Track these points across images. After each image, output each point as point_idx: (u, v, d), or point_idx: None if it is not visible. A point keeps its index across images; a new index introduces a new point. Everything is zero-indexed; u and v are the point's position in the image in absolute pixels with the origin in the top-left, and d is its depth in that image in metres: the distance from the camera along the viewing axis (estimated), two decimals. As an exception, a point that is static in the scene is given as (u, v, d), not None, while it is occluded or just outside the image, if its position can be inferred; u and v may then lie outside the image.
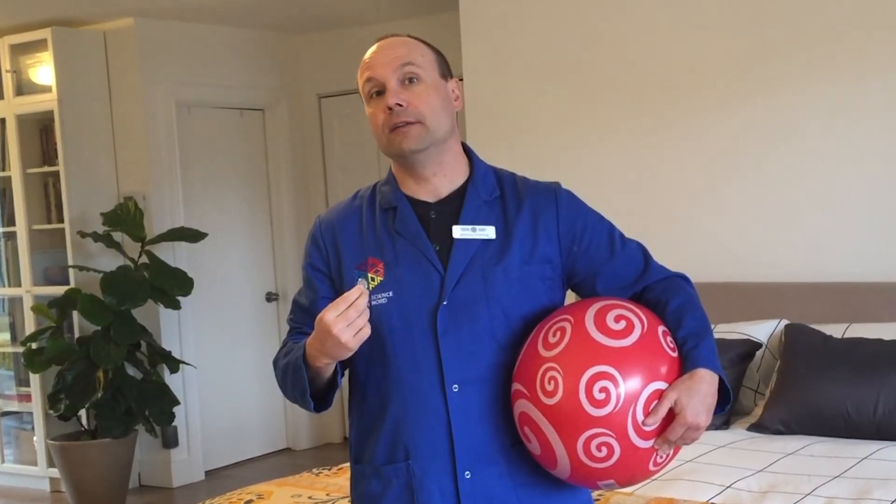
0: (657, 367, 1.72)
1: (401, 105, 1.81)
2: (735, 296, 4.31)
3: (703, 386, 1.73)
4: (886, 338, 3.69)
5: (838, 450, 3.33)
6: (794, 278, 4.28)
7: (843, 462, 3.19)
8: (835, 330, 3.86)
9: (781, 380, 3.75)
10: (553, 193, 1.91)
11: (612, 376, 1.69)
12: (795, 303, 4.16)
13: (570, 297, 1.90)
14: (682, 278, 1.92)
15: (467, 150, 1.94)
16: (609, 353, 1.71)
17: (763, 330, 4.07)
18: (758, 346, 3.98)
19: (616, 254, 1.90)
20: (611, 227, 1.94)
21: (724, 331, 4.05)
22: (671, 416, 1.71)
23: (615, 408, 1.68)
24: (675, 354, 1.76)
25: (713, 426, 3.68)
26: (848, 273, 4.17)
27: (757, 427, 3.68)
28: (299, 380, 1.80)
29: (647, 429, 1.70)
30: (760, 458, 3.28)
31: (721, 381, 1.77)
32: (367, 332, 1.69)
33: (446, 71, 1.90)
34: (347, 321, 1.66)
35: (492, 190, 1.89)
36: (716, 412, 1.77)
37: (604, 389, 1.69)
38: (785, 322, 4.05)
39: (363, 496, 1.90)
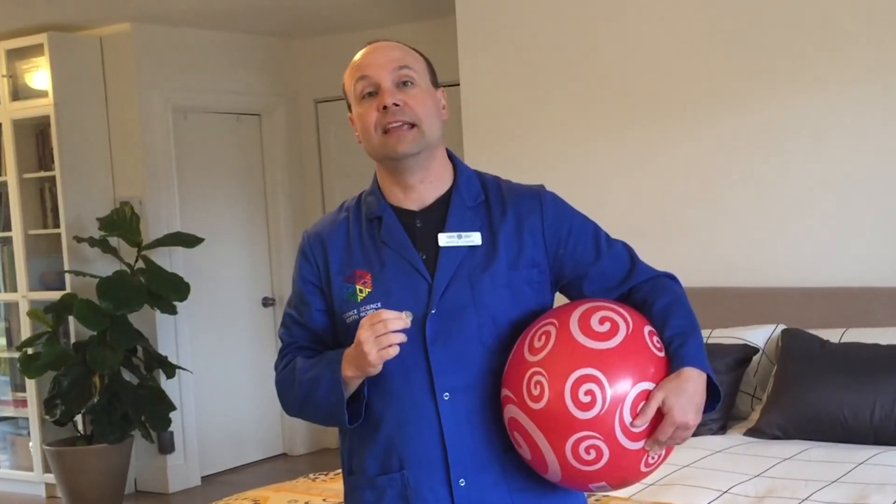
0: (643, 367, 1.71)
1: (397, 105, 1.80)
2: (732, 301, 4.30)
3: (691, 385, 1.72)
4: (883, 342, 3.68)
5: (835, 455, 3.32)
6: (791, 283, 4.27)
7: (840, 467, 3.18)
8: (832, 335, 3.85)
9: (778, 385, 3.74)
10: (537, 196, 1.90)
11: (597, 378, 1.68)
12: (792, 308, 4.15)
13: (560, 299, 1.89)
14: (670, 277, 1.91)
15: (451, 156, 1.94)
16: (593, 356, 1.70)
17: (760, 335, 4.05)
18: (755, 350, 3.97)
19: (602, 255, 1.89)
20: (596, 228, 1.92)
21: (720, 336, 4.04)
22: (660, 416, 1.70)
23: (601, 410, 1.67)
24: (661, 354, 1.75)
25: (710, 431, 3.68)
26: (845, 278, 4.16)
27: (754, 432, 3.67)
28: (335, 392, 1.78)
29: (635, 430, 1.69)
30: (757, 463, 3.27)
31: (710, 380, 1.76)
32: (392, 351, 1.69)
33: (435, 80, 1.90)
34: (375, 333, 1.68)
35: (476, 195, 1.89)
36: (705, 411, 1.76)
37: (589, 392, 1.68)
38: (782, 327, 4.04)
39: None
